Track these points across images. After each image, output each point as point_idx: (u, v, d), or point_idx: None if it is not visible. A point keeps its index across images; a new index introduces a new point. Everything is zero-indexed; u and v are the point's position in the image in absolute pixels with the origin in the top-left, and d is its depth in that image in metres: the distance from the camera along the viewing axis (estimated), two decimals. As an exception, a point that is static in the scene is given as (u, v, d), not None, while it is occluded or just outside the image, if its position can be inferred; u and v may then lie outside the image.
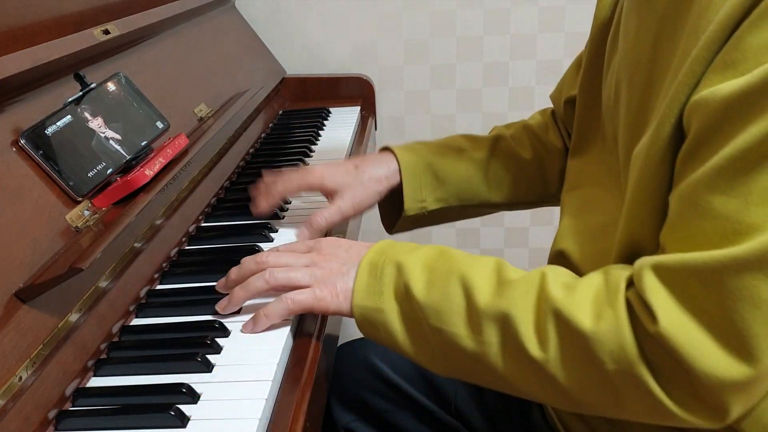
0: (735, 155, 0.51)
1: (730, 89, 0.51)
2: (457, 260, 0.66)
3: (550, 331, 0.59)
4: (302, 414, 0.62)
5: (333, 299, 0.68)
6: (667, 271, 0.55)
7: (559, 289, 0.60)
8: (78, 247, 0.70)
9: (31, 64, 0.76)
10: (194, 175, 1.01)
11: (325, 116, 1.46)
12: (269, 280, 0.70)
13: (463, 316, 0.63)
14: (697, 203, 0.53)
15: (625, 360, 0.56)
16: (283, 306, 0.69)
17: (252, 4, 1.64)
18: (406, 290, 0.65)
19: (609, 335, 0.56)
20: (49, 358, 0.63)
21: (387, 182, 0.92)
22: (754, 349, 0.52)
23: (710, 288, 0.52)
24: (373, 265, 0.68)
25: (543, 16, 1.63)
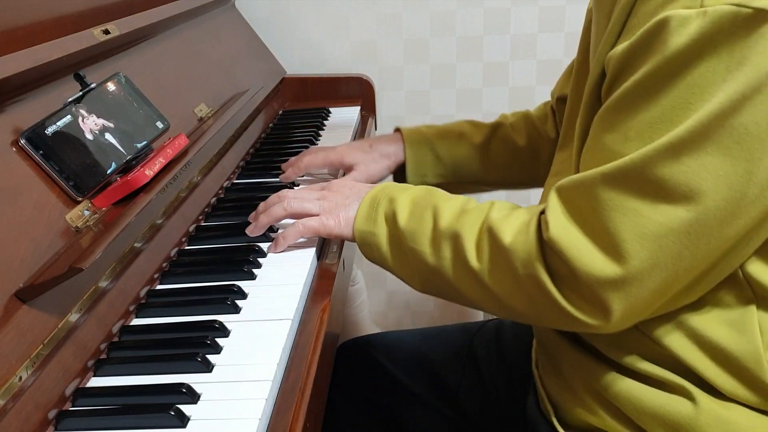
0: (619, 98, 0.63)
1: (623, 48, 0.63)
2: (437, 196, 0.79)
3: (484, 245, 0.71)
4: (302, 414, 0.62)
5: (336, 225, 0.82)
6: (561, 189, 0.67)
7: (499, 213, 0.72)
8: (78, 247, 0.70)
9: (31, 64, 0.76)
10: (194, 175, 1.01)
11: (325, 116, 1.46)
12: (287, 207, 0.85)
13: (429, 236, 0.75)
14: (594, 137, 0.67)
15: (531, 264, 0.67)
16: (295, 230, 0.83)
17: (252, 4, 1.64)
18: (393, 217, 0.78)
19: (521, 245, 0.68)
20: (49, 358, 0.63)
21: (395, 157, 1.08)
22: (623, 251, 0.62)
23: (589, 199, 0.64)
24: (373, 198, 0.81)
25: (543, 16, 1.63)
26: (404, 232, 0.76)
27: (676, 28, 0.58)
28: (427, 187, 0.82)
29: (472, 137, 1.08)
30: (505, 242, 0.69)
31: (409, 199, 0.79)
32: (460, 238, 0.72)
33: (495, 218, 0.71)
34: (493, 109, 1.71)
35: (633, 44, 0.62)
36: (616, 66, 0.64)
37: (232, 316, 0.74)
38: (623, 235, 0.62)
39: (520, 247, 0.68)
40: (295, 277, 0.81)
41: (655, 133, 0.60)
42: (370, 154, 1.08)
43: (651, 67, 0.60)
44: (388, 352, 1.00)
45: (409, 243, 0.76)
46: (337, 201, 0.84)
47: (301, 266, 0.83)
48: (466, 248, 0.72)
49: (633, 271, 0.62)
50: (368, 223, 0.80)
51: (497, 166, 1.08)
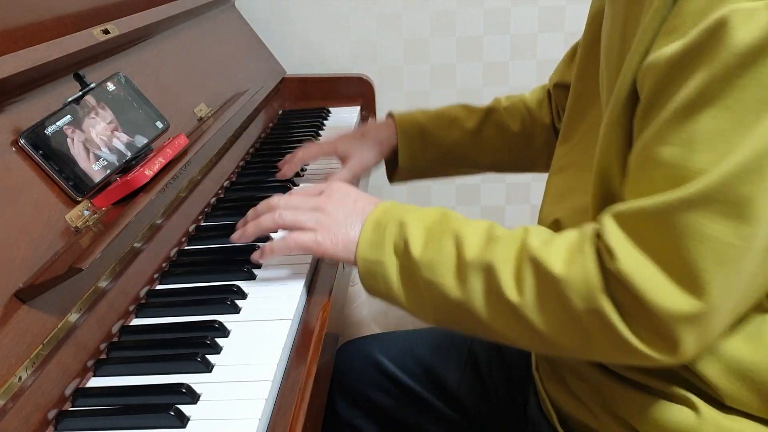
0: (677, 108, 0.56)
1: (672, 50, 0.57)
2: (454, 220, 0.72)
3: (526, 277, 0.64)
4: (302, 414, 0.62)
5: (332, 246, 0.74)
6: (623, 216, 0.60)
7: (538, 240, 0.65)
8: (78, 247, 0.70)
9: (31, 64, 0.76)
10: (194, 175, 1.01)
11: (325, 116, 1.46)
12: (277, 220, 0.77)
13: (452, 267, 0.68)
14: (650, 156, 0.59)
15: (591, 297, 0.60)
16: (285, 245, 0.76)
17: (252, 4, 1.64)
18: (405, 246, 0.70)
19: (578, 276, 0.61)
20: (49, 358, 0.63)
21: (388, 143, 1.07)
22: (703, 283, 0.56)
23: (660, 227, 0.57)
24: (378, 222, 0.73)
25: (543, 16, 1.63)
26: (419, 262, 0.69)
27: (742, 23, 0.53)
28: (439, 210, 0.74)
29: (465, 122, 1.07)
30: (555, 272, 0.62)
31: (423, 225, 0.72)
32: (494, 269, 0.65)
33: (535, 246, 0.64)
34: (493, 109, 1.71)
35: (687, 46, 0.56)
36: (664, 72, 0.58)
37: (232, 316, 0.74)
38: (702, 265, 0.56)
39: (577, 277, 0.61)
40: (295, 277, 0.81)
41: (728, 143, 0.54)
42: (363, 142, 1.07)
43: (715, 69, 0.54)
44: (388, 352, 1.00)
45: (426, 275, 0.69)
46: (336, 217, 0.75)
47: (301, 266, 0.83)
48: (501, 280, 0.65)
49: (711, 303, 0.57)
50: (374, 250, 0.72)
51: (490, 150, 1.07)
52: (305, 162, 1.09)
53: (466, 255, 0.67)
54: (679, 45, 0.56)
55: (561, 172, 0.85)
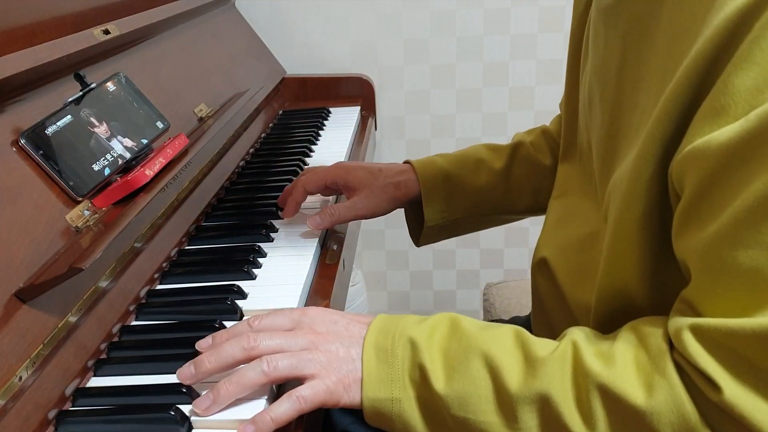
0: (752, 206, 0.48)
1: (727, 136, 0.48)
2: (473, 336, 0.60)
3: (596, 408, 0.55)
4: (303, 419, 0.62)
5: (345, 391, 0.60)
6: (712, 337, 0.52)
7: (596, 360, 0.56)
8: (78, 247, 0.70)
9: (31, 64, 0.76)
10: (194, 175, 1.01)
11: (325, 116, 1.46)
12: (269, 372, 0.59)
13: (493, 402, 0.57)
14: (723, 260, 0.50)
15: (689, 429, 0.52)
16: (294, 406, 0.59)
17: (252, 4, 1.64)
18: (422, 375, 0.59)
19: (667, 406, 0.53)
20: (49, 358, 0.63)
21: (405, 189, 0.92)
22: None
23: (766, 354, 0.49)
24: (381, 348, 0.61)
25: (543, 16, 1.63)
26: (446, 398, 0.57)
27: None
28: (447, 319, 0.63)
29: (492, 162, 0.94)
30: (639, 404, 0.53)
31: (437, 346, 0.60)
32: (551, 402, 0.55)
33: (598, 370, 0.55)
34: (493, 109, 1.71)
35: (748, 132, 0.47)
36: (719, 162, 0.49)
37: (232, 316, 0.74)
38: None
39: (666, 408, 0.53)
40: (295, 277, 0.81)
41: None
42: (377, 179, 0.92)
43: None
44: None
45: (457, 412, 0.57)
46: (336, 351, 0.61)
47: (301, 266, 0.83)
48: (563, 414, 0.55)
49: None
50: (384, 386, 0.59)
51: (524, 191, 0.95)
52: (309, 188, 0.94)
53: (509, 386, 0.57)
54: (736, 131, 0.48)
55: (561, 197, 0.81)
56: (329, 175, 0.93)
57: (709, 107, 0.50)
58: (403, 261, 1.87)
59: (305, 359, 0.60)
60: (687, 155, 0.51)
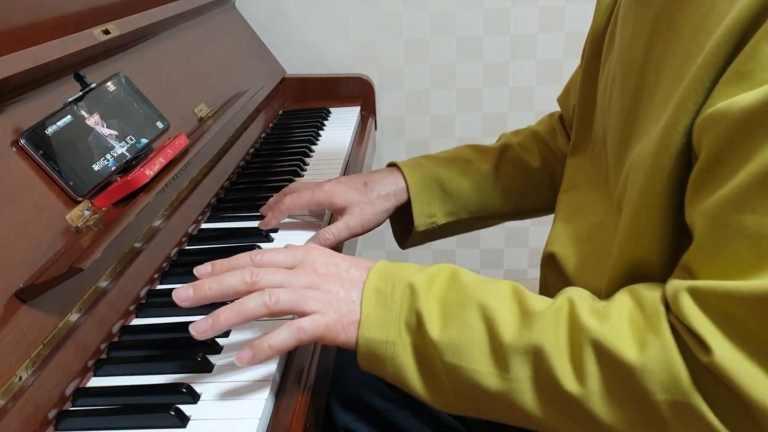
0: (761, 171, 0.48)
1: (750, 101, 0.48)
2: (471, 286, 0.61)
3: (588, 363, 0.55)
4: (302, 414, 0.62)
5: (343, 331, 0.61)
6: (709, 299, 0.52)
7: (591, 316, 0.56)
8: (78, 247, 0.70)
9: (31, 64, 0.76)
10: (194, 175, 1.01)
11: (325, 116, 1.46)
12: (271, 305, 0.60)
13: (487, 351, 0.58)
14: (728, 223, 0.51)
15: (678, 389, 0.53)
16: (293, 335, 0.60)
17: (252, 4, 1.64)
18: (419, 322, 0.60)
19: (658, 364, 0.53)
20: (49, 358, 0.63)
21: (395, 199, 0.92)
22: None
23: (761, 319, 0.49)
24: (380, 291, 0.62)
25: (543, 16, 1.63)
26: (440, 344, 0.58)
27: None
28: (447, 270, 0.64)
29: (480, 163, 0.94)
30: (630, 360, 0.53)
31: (435, 294, 0.61)
32: (543, 354, 0.56)
33: (592, 325, 0.55)
34: (493, 109, 1.71)
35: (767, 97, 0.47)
36: (737, 126, 0.49)
37: (232, 316, 0.74)
38: None
39: (657, 365, 0.53)
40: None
41: None
42: (365, 195, 0.90)
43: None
44: None
45: (450, 359, 0.58)
46: (337, 292, 0.63)
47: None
48: (555, 367, 0.56)
49: None
50: (381, 328, 0.60)
51: (511, 193, 0.94)
52: (292, 212, 0.92)
53: (503, 336, 0.57)
54: (759, 96, 0.48)
55: (570, 191, 0.81)
56: (314, 200, 0.91)
57: (735, 71, 0.50)
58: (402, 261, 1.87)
59: (306, 296, 0.61)
60: (708, 117, 0.51)
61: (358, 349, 0.61)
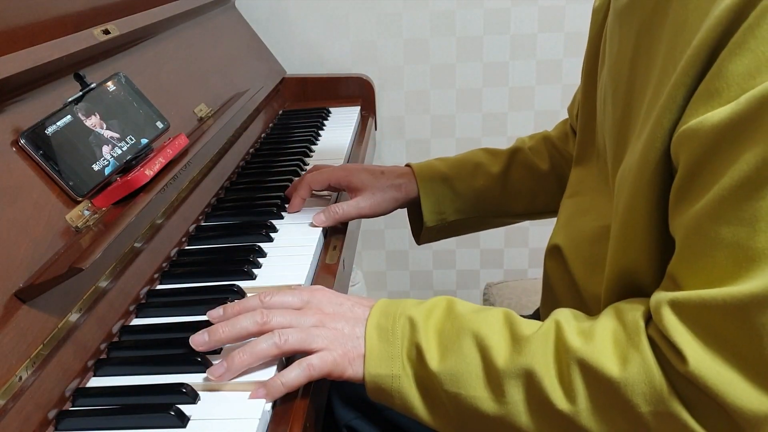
0: (735, 184, 0.51)
1: (719, 118, 0.51)
2: (465, 317, 0.65)
3: (576, 381, 0.58)
4: (302, 414, 0.62)
5: (349, 365, 0.65)
6: (687, 309, 0.54)
7: (577, 337, 0.59)
8: (78, 247, 0.70)
9: (31, 64, 0.76)
10: (194, 175, 1.01)
11: (325, 116, 1.46)
12: (282, 345, 0.64)
13: (482, 378, 0.61)
14: (706, 234, 0.53)
15: (659, 400, 0.55)
16: (304, 373, 0.63)
17: (252, 4, 1.64)
18: (419, 355, 0.63)
19: (639, 377, 0.56)
20: (49, 358, 0.63)
21: (405, 191, 0.97)
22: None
23: (735, 325, 0.51)
24: (382, 328, 0.65)
25: (543, 16, 1.63)
26: (439, 375, 0.62)
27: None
28: (444, 302, 0.67)
29: (490, 166, 0.98)
30: (613, 375, 0.56)
31: (433, 326, 0.64)
32: (535, 377, 0.59)
33: (577, 345, 0.58)
34: (493, 109, 1.71)
35: (736, 115, 0.50)
36: (710, 142, 0.52)
37: (232, 316, 0.74)
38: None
39: (638, 378, 0.55)
40: (295, 277, 0.81)
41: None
42: (379, 180, 0.97)
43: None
44: None
45: (450, 388, 0.61)
46: (342, 329, 0.66)
47: (301, 266, 0.83)
48: (546, 388, 0.58)
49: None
50: (384, 363, 0.64)
51: (521, 195, 0.98)
52: (313, 188, 0.99)
53: (496, 362, 0.60)
54: (726, 113, 0.50)
55: (574, 196, 0.82)
56: (333, 176, 0.97)
57: (704, 90, 0.52)
58: (403, 261, 1.87)
59: (313, 334, 0.65)
60: (681, 135, 0.54)
61: (366, 384, 0.64)
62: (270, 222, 0.94)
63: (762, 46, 0.49)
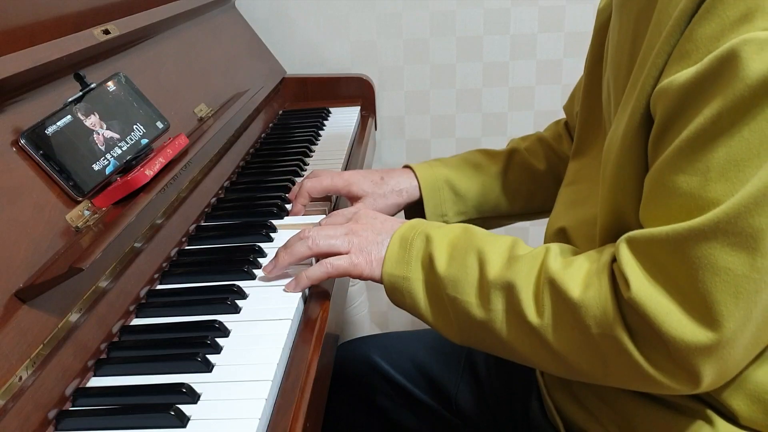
0: (692, 136, 0.56)
1: (685, 77, 0.56)
2: (478, 237, 0.72)
3: (545, 299, 0.64)
4: (302, 414, 0.62)
5: (367, 266, 0.75)
6: (637, 244, 0.60)
7: (558, 262, 0.66)
8: (78, 247, 0.70)
9: (31, 64, 0.76)
10: (194, 175, 1.01)
11: (325, 116, 1.46)
12: (312, 246, 0.77)
13: (475, 286, 0.68)
14: (664, 183, 0.59)
15: (607, 324, 0.61)
16: (323, 269, 0.76)
17: (252, 4, 1.64)
18: (430, 261, 0.71)
19: (594, 302, 0.62)
20: (49, 358, 0.63)
21: (407, 195, 0.99)
22: (717, 315, 0.55)
23: (675, 258, 0.57)
24: (404, 238, 0.74)
25: (543, 16, 1.63)
26: (444, 279, 0.70)
27: (754, 53, 0.52)
28: (463, 226, 0.75)
29: (488, 167, 1.01)
30: (574, 297, 0.62)
31: (447, 241, 0.72)
32: (515, 290, 0.66)
33: (555, 268, 0.65)
34: (493, 109, 1.71)
35: (699, 74, 0.55)
36: (676, 98, 0.57)
37: (232, 316, 0.74)
38: (716, 296, 0.55)
39: (593, 303, 0.61)
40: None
41: (741, 172, 0.54)
42: (380, 188, 0.99)
43: (728, 99, 0.54)
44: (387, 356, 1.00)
45: (450, 292, 0.69)
46: (367, 237, 0.76)
47: (301, 266, 0.83)
48: (522, 302, 0.65)
49: (727, 335, 0.56)
50: (400, 266, 0.73)
51: (519, 195, 1.01)
52: (312, 195, 0.99)
53: (489, 274, 0.68)
54: (692, 72, 0.56)
55: (573, 184, 0.84)
56: (333, 186, 0.99)
57: (677, 52, 0.58)
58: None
59: (341, 240, 0.77)
60: (657, 93, 0.59)
61: (384, 283, 0.74)
62: (270, 222, 0.94)
63: (728, 11, 0.54)
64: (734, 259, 0.55)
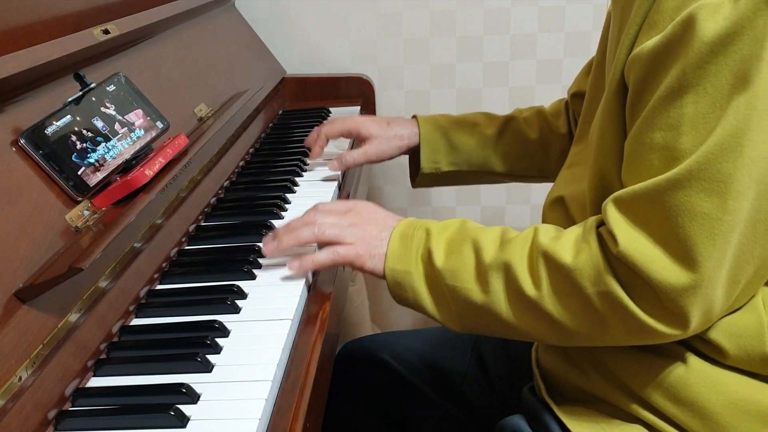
0: (662, 95, 0.62)
1: (653, 44, 0.63)
2: (472, 230, 0.76)
3: (541, 271, 0.69)
4: (302, 414, 0.62)
5: (369, 259, 0.78)
6: (622, 201, 0.65)
7: (547, 236, 0.70)
8: (78, 247, 0.70)
9: (31, 64, 0.76)
10: (194, 174, 1.01)
11: (325, 116, 1.46)
12: (317, 233, 0.79)
13: (473, 272, 0.72)
14: (643, 141, 0.64)
15: (601, 281, 0.65)
16: (330, 256, 0.79)
17: (252, 4, 1.63)
18: (429, 256, 0.75)
19: (586, 263, 0.66)
20: (49, 358, 0.63)
21: (408, 141, 1.11)
22: (695, 255, 0.61)
23: (656, 208, 0.62)
24: (403, 234, 0.78)
25: (543, 16, 1.63)
26: (443, 271, 0.73)
27: (709, 16, 0.59)
28: (459, 221, 0.79)
29: (486, 128, 1.10)
30: (567, 262, 0.67)
31: (444, 236, 0.76)
32: (511, 268, 0.70)
33: (545, 242, 0.70)
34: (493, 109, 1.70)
35: (663, 39, 0.62)
36: (646, 64, 0.64)
37: (232, 316, 0.74)
38: (694, 239, 0.61)
39: (585, 264, 0.66)
40: (296, 277, 0.81)
41: (708, 123, 0.60)
42: (385, 131, 1.10)
43: (689, 58, 0.60)
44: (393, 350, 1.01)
45: (449, 282, 0.73)
46: (371, 231, 0.80)
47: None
48: (519, 277, 0.69)
49: (707, 274, 0.61)
50: (401, 261, 0.76)
51: (508, 157, 1.10)
52: (329, 137, 1.13)
53: (485, 259, 0.72)
54: (658, 39, 0.63)
55: (573, 166, 0.88)
56: (345, 126, 1.12)
57: (647, 23, 0.65)
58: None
59: (346, 231, 0.79)
60: (629, 61, 0.66)
61: (386, 278, 0.76)
62: (270, 222, 0.94)
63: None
64: (708, 204, 0.60)
